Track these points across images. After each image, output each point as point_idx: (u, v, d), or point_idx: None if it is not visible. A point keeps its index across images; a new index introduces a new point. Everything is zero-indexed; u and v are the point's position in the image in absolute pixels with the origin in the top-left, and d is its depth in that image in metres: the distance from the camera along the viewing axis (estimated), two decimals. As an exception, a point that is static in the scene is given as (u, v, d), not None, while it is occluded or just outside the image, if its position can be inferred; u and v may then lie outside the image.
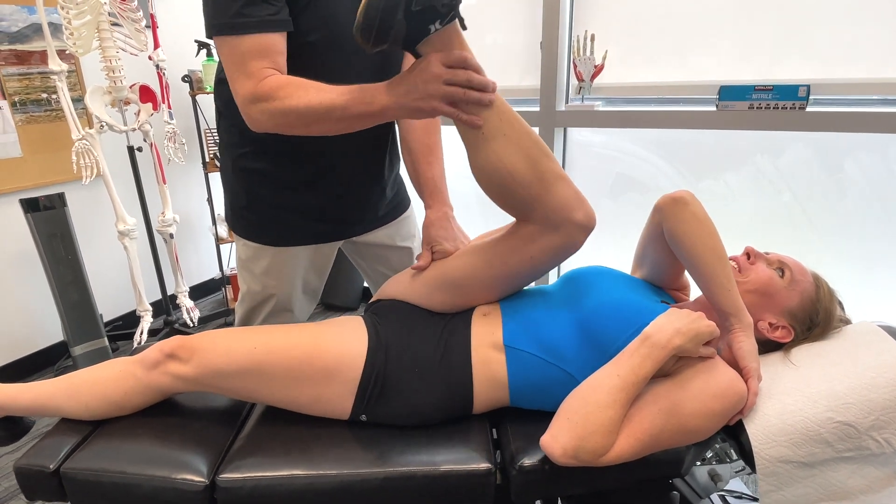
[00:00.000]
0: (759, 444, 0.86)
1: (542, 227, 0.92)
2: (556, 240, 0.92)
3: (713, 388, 0.86)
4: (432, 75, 0.85)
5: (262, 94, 0.91)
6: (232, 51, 0.93)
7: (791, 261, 1.01)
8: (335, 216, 1.20)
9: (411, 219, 1.37)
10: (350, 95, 0.89)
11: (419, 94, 0.86)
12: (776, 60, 1.77)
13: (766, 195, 1.91)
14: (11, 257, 2.21)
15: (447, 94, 0.86)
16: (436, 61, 0.85)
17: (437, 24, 0.84)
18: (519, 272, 0.99)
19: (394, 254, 1.32)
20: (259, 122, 0.94)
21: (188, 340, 0.98)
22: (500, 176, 0.91)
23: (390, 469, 0.89)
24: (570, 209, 0.90)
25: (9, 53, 2.09)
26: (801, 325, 0.99)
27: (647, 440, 0.83)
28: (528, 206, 0.92)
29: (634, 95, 2.01)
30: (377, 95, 0.88)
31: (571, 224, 0.90)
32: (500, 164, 0.90)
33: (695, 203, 0.95)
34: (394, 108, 0.88)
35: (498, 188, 0.93)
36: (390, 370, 0.96)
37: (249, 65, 0.91)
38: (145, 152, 2.32)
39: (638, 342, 0.86)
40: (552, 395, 0.94)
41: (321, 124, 0.92)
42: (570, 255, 0.96)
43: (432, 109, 0.87)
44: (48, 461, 0.95)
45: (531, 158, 0.90)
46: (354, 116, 0.90)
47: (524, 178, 0.89)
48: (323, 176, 1.14)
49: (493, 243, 1.00)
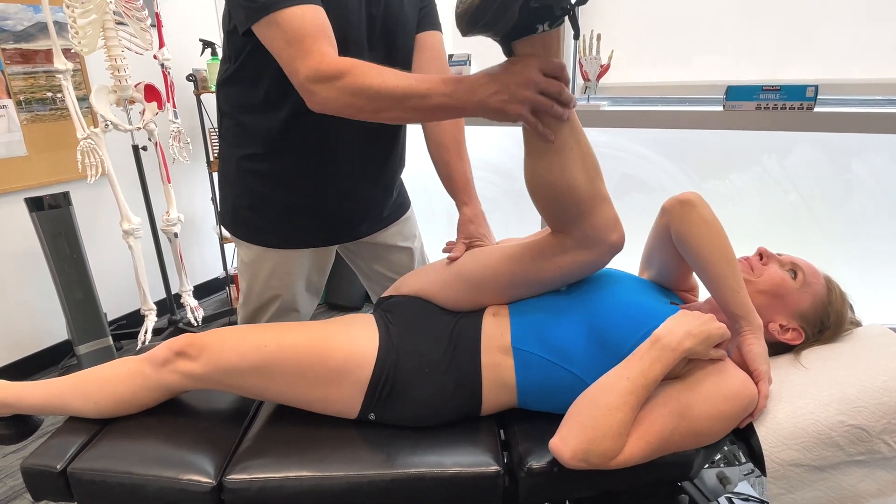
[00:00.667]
0: (770, 447, 0.85)
1: (577, 242, 0.93)
2: (588, 256, 0.93)
3: (724, 390, 0.86)
4: (528, 80, 0.81)
5: (332, 72, 0.86)
6: (287, 27, 0.87)
7: (803, 262, 1.01)
8: (341, 218, 1.19)
9: (412, 220, 1.36)
10: (431, 84, 0.84)
11: (509, 97, 0.81)
12: (783, 61, 1.76)
13: (773, 196, 1.90)
14: (16, 256, 2.21)
15: (536, 102, 0.82)
16: (534, 66, 0.81)
17: (546, 26, 0.80)
18: (542, 279, 0.99)
19: (394, 254, 1.32)
20: (325, 101, 0.88)
21: (197, 338, 0.98)
22: (559, 188, 0.90)
23: (398, 471, 0.88)
24: (609, 230, 0.91)
25: (14, 52, 2.09)
26: (813, 328, 0.98)
27: (657, 443, 0.83)
28: (573, 220, 0.92)
29: (640, 95, 2.00)
30: (460, 89, 0.84)
31: (606, 244, 0.92)
32: (562, 178, 0.89)
33: (702, 205, 0.94)
34: (476, 105, 0.84)
35: (551, 199, 0.92)
36: (400, 371, 0.96)
37: (307, 42, 0.87)
38: (150, 151, 2.32)
39: (648, 344, 0.86)
40: (560, 398, 0.94)
41: (392, 111, 0.87)
42: (594, 271, 0.98)
43: (517, 115, 0.83)
44: (55, 461, 0.94)
45: (590, 177, 0.90)
46: (431, 108, 0.85)
47: (580, 194, 0.89)
48: (329, 177, 1.12)
49: (526, 247, 1.00)
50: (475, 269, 1.05)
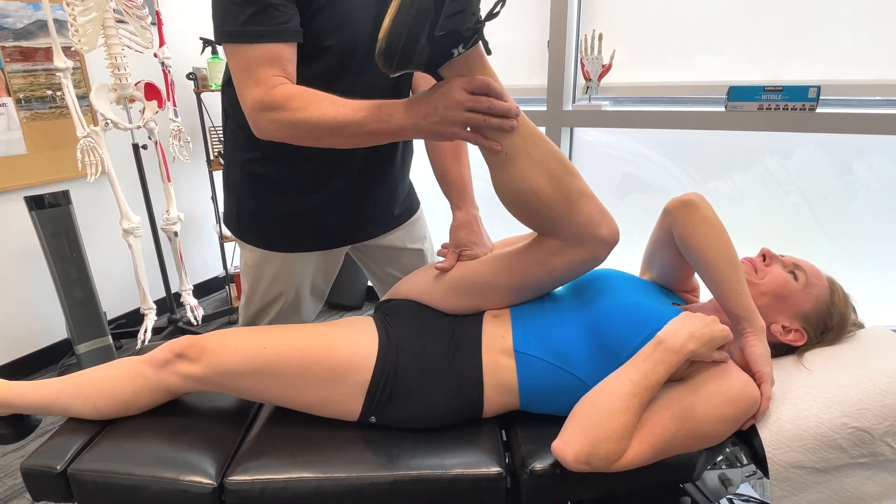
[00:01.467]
0: (773, 449, 0.85)
1: (566, 243, 0.93)
2: (580, 254, 0.93)
3: (726, 392, 0.85)
4: (453, 101, 0.83)
5: (273, 103, 0.89)
6: (240, 58, 0.91)
7: (806, 264, 1.00)
8: (347, 220, 1.18)
9: (422, 220, 1.35)
10: (367, 112, 0.87)
11: (438, 119, 0.84)
12: (785, 61, 1.76)
13: (775, 196, 1.90)
14: (16, 255, 2.20)
15: (468, 120, 0.85)
16: (458, 87, 0.84)
17: (461, 49, 0.83)
18: (538, 283, 0.99)
19: (405, 256, 1.31)
20: (267, 131, 0.92)
21: (198, 340, 0.98)
22: (525, 196, 0.90)
23: (400, 473, 0.88)
24: (595, 225, 0.90)
25: (14, 50, 2.08)
26: (815, 329, 0.98)
27: (660, 445, 0.82)
28: (552, 223, 0.92)
29: (642, 95, 2.00)
30: (395, 114, 0.86)
31: (596, 240, 0.91)
32: (524, 185, 0.89)
33: (705, 206, 0.94)
34: (410, 129, 0.87)
35: (522, 207, 0.92)
36: (400, 373, 0.95)
37: (258, 72, 0.90)
38: (150, 150, 2.32)
39: (651, 347, 0.85)
40: (563, 401, 0.93)
41: (333, 138, 0.90)
42: (592, 268, 0.97)
43: (451, 134, 0.86)
44: (55, 462, 0.94)
45: (555, 178, 0.89)
46: (369, 133, 0.88)
47: (549, 197, 0.89)
48: (334, 180, 1.12)
49: (516, 253, 0.99)
50: (468, 280, 1.04)
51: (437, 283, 1.07)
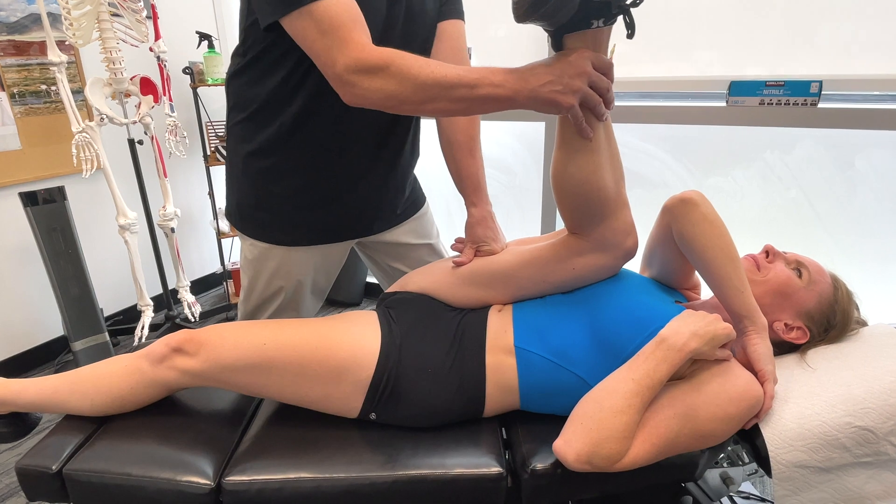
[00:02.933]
0: (776, 448, 0.85)
1: (593, 245, 0.95)
2: (602, 260, 0.95)
3: (729, 391, 0.85)
4: (582, 71, 0.80)
5: (373, 63, 0.83)
6: (320, 19, 0.84)
7: (809, 261, 1.00)
8: (351, 214, 1.16)
9: (428, 216, 1.34)
10: (479, 74, 0.82)
11: (562, 87, 0.81)
12: (785, 56, 1.75)
13: (776, 192, 1.89)
14: (11, 251, 2.18)
15: (587, 95, 0.82)
16: (588, 59, 0.81)
17: (601, 22, 0.81)
18: (556, 280, 1.00)
19: (412, 251, 1.29)
20: (365, 93, 0.85)
21: (195, 334, 0.97)
22: (588, 188, 0.91)
23: (400, 472, 0.87)
24: (625, 235, 0.94)
25: (7, 44, 2.06)
26: (818, 327, 0.97)
27: (663, 445, 0.82)
28: (594, 221, 0.93)
29: (642, 90, 1.99)
30: (510, 79, 0.82)
31: (621, 248, 0.94)
32: (593, 178, 0.90)
33: (705, 203, 0.93)
34: (526, 96, 0.82)
35: (579, 198, 0.92)
36: (402, 371, 0.95)
37: (346, 30, 0.84)
38: (146, 145, 2.30)
39: (653, 345, 0.84)
40: (563, 400, 0.93)
41: (438, 101, 0.84)
42: (606, 276, 0.99)
43: (569, 106, 0.82)
44: (50, 462, 0.93)
45: (617, 180, 0.92)
46: (479, 98, 0.83)
47: (607, 197, 0.91)
48: (339, 173, 1.10)
49: (540, 249, 1.01)
50: (487, 272, 1.04)
51: (453, 273, 1.07)
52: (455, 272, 1.07)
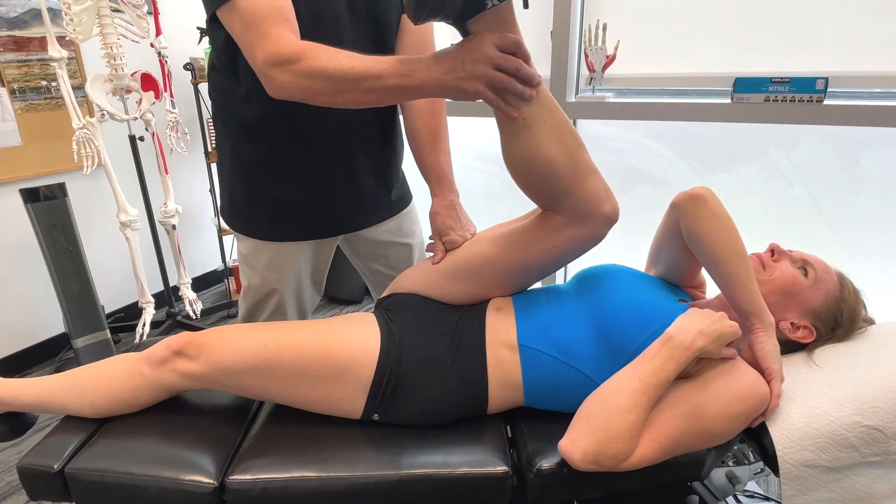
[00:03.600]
0: (783, 447, 0.84)
1: (568, 218, 0.91)
2: (582, 230, 0.91)
3: (735, 390, 0.84)
4: (483, 56, 0.79)
5: (288, 56, 0.85)
6: (243, 12, 0.87)
7: (815, 259, 0.99)
8: (335, 209, 1.16)
9: (413, 214, 1.33)
10: (387, 65, 0.83)
11: (464, 74, 0.80)
12: (791, 52, 1.73)
13: (780, 189, 1.88)
14: (11, 248, 2.18)
15: (494, 78, 0.80)
16: (489, 42, 0.79)
17: (496, 0, 0.78)
18: (540, 261, 0.97)
19: (392, 250, 1.29)
20: (281, 86, 0.88)
21: (196, 337, 0.96)
22: (537, 165, 0.88)
23: (404, 472, 0.87)
24: (599, 202, 0.89)
25: (7, 39, 2.04)
26: (825, 326, 0.97)
27: (669, 444, 0.81)
28: (559, 196, 0.90)
29: (646, 87, 1.97)
30: (417, 69, 0.82)
31: (599, 216, 0.90)
32: (538, 153, 0.87)
33: (714, 200, 0.92)
34: (432, 85, 0.82)
35: (532, 177, 0.90)
36: (403, 369, 0.94)
37: (267, 25, 0.86)
38: (147, 142, 2.29)
39: (660, 344, 0.84)
40: (569, 397, 0.92)
41: (350, 93, 0.85)
42: (592, 246, 0.95)
43: (475, 92, 0.82)
44: (52, 461, 0.93)
45: (568, 149, 0.88)
46: (388, 88, 0.84)
47: (561, 168, 0.87)
48: (324, 167, 1.10)
49: (516, 231, 0.98)
50: (467, 265, 1.03)
51: (436, 272, 1.05)
52: (436, 270, 1.05)
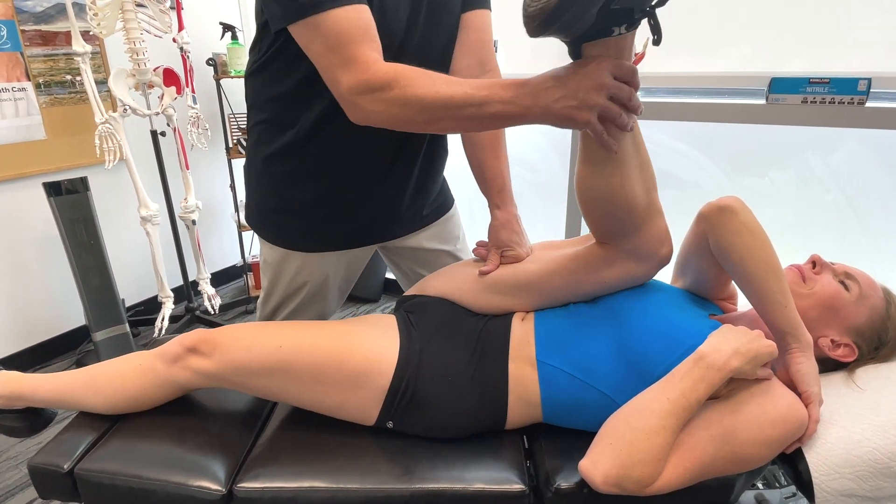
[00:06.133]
0: (821, 474, 0.79)
1: (625, 255, 0.91)
2: (635, 269, 0.91)
3: (771, 413, 0.79)
4: (601, 84, 0.73)
5: (378, 83, 0.79)
6: (328, 32, 0.80)
7: (859, 273, 0.93)
8: (373, 220, 1.12)
9: (455, 219, 1.28)
10: (489, 90, 0.77)
11: (577, 102, 0.73)
12: (831, 51, 1.65)
13: (815, 195, 1.80)
14: (35, 240, 2.20)
15: (606, 109, 0.74)
16: (606, 69, 0.73)
17: (623, 28, 0.73)
18: (584, 290, 0.97)
19: (436, 257, 1.24)
20: (369, 115, 0.83)
21: (210, 335, 0.95)
22: (616, 201, 0.86)
23: (417, 486, 0.84)
24: (659, 244, 0.89)
25: (34, 34, 2.06)
26: (868, 345, 0.91)
27: (698, 469, 0.77)
28: (625, 233, 0.89)
29: (676, 86, 1.91)
30: (520, 95, 0.76)
31: (655, 258, 0.90)
32: (621, 190, 0.85)
33: (744, 211, 0.87)
34: (538, 113, 0.76)
35: (606, 211, 0.88)
36: (422, 379, 0.91)
37: (353, 47, 0.80)
38: (168, 137, 2.29)
39: (691, 363, 0.79)
40: (589, 416, 0.88)
41: (445, 121, 0.80)
42: (636, 285, 0.95)
43: (585, 122, 0.75)
44: (62, 461, 0.92)
45: (648, 189, 0.87)
46: (489, 116, 0.78)
47: (637, 208, 0.86)
48: (360, 177, 1.06)
49: (568, 257, 0.96)
50: (512, 281, 1.00)
51: (476, 280, 1.02)
52: (476, 280, 1.03)
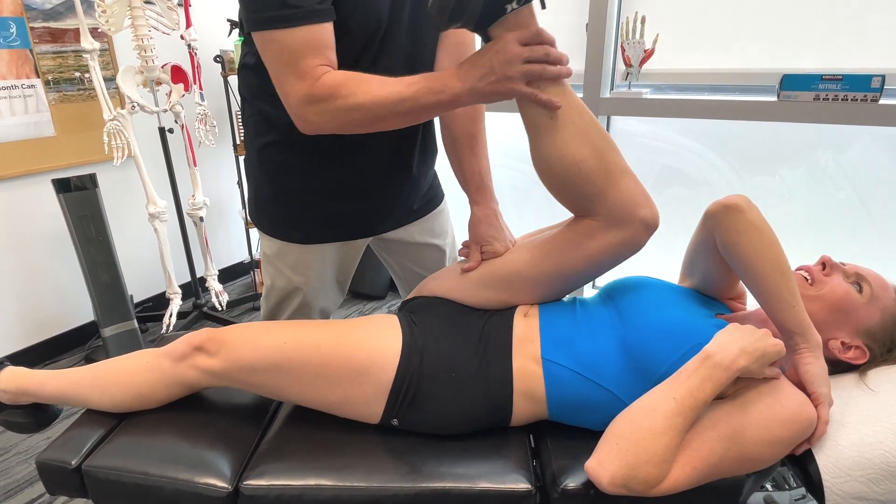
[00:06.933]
0: (831, 477, 0.78)
1: (603, 223, 0.88)
2: (618, 236, 0.88)
3: (779, 412, 0.78)
4: (511, 55, 0.80)
5: (321, 94, 0.84)
6: (280, 47, 0.84)
7: (871, 274, 0.92)
8: (365, 212, 1.13)
9: (444, 214, 1.29)
10: (419, 86, 0.84)
11: (497, 77, 0.81)
12: (844, 47, 1.63)
13: (827, 193, 1.78)
14: (44, 237, 2.22)
15: (527, 72, 0.82)
16: (513, 41, 0.81)
17: (514, 4, 0.80)
18: (574, 270, 0.93)
19: (425, 251, 1.26)
20: (315, 124, 0.88)
21: (217, 333, 0.96)
22: (567, 166, 0.86)
23: (422, 485, 0.84)
24: (636, 205, 0.86)
25: (43, 31, 2.07)
26: (881, 347, 0.89)
27: (705, 469, 0.76)
28: (591, 200, 0.87)
29: (686, 83, 1.89)
30: (448, 82, 0.83)
31: (635, 221, 0.86)
32: (567, 154, 0.86)
33: (751, 209, 0.86)
34: (468, 95, 0.83)
35: (562, 179, 0.88)
36: (425, 374, 0.91)
37: (302, 63, 0.84)
38: (176, 134, 2.30)
39: (697, 362, 0.78)
40: (595, 415, 0.88)
41: (387, 120, 0.87)
42: (630, 255, 0.91)
43: (510, 91, 0.83)
44: (70, 457, 0.93)
45: (598, 150, 0.86)
46: (424, 107, 0.85)
47: (591, 169, 0.85)
48: (352, 169, 1.07)
49: (549, 239, 0.95)
50: (499, 272, 1.00)
51: (467, 279, 1.02)
52: (467, 277, 1.02)
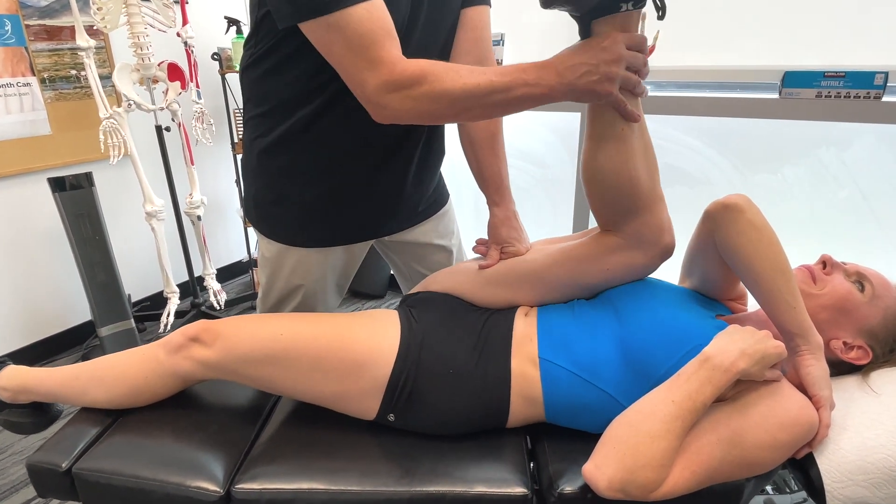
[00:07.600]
0: (833, 481, 0.77)
1: (627, 242, 0.90)
2: (637, 258, 0.91)
3: (780, 415, 0.77)
4: (618, 56, 0.78)
5: (406, 80, 0.79)
6: (348, 34, 0.78)
7: (873, 273, 0.90)
8: (370, 214, 1.10)
9: (450, 214, 1.27)
10: (513, 76, 0.80)
11: (599, 76, 0.78)
12: (846, 44, 1.61)
13: (830, 192, 1.76)
14: (41, 235, 2.21)
15: (625, 78, 0.80)
16: (622, 42, 0.78)
17: (630, 5, 0.78)
18: (587, 280, 0.95)
19: (431, 252, 1.24)
20: (397, 112, 0.82)
21: (213, 324, 0.95)
22: (621, 180, 0.87)
23: (417, 489, 0.82)
24: (662, 231, 0.89)
25: (38, 28, 2.06)
26: (883, 347, 0.88)
27: (704, 473, 0.75)
28: (627, 215, 0.89)
29: (687, 80, 1.87)
30: (543, 75, 0.79)
31: (657, 246, 0.89)
32: (625, 169, 0.86)
33: (751, 209, 0.84)
34: (563, 90, 0.80)
35: (612, 191, 0.88)
36: (422, 371, 0.90)
37: (375, 47, 0.78)
38: (173, 132, 2.29)
39: (696, 364, 0.77)
40: (592, 417, 0.87)
41: (474, 110, 0.83)
42: (639, 277, 0.95)
43: (607, 94, 0.80)
44: (61, 459, 0.92)
45: (650, 171, 0.87)
46: (514, 99, 0.81)
47: (640, 189, 0.87)
48: (357, 171, 1.04)
49: (571, 247, 0.96)
50: (515, 274, 1.00)
51: (478, 274, 1.03)
52: (481, 273, 1.02)
